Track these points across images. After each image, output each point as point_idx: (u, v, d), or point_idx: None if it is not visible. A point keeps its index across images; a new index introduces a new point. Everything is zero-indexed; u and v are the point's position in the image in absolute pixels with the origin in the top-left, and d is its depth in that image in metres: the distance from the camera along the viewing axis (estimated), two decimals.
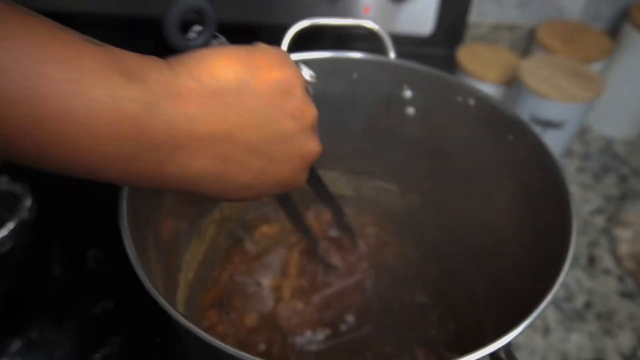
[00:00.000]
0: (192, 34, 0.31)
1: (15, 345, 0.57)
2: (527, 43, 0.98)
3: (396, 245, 0.66)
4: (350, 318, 0.58)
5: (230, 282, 0.61)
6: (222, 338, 0.55)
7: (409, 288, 0.61)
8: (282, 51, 0.33)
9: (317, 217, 0.63)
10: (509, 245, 0.50)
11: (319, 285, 0.61)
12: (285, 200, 0.49)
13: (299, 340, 0.55)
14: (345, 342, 0.55)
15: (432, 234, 0.63)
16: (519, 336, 0.33)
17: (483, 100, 0.49)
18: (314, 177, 0.46)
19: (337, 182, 0.66)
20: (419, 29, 0.84)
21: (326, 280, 0.61)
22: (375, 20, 0.57)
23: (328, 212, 0.58)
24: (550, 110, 0.75)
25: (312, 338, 0.55)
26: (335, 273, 0.60)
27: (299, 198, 0.51)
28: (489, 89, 0.85)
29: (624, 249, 0.70)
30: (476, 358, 0.30)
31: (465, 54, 0.88)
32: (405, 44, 0.84)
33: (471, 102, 0.50)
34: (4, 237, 0.55)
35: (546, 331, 0.63)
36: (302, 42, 0.54)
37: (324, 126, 0.60)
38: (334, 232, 0.62)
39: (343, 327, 0.57)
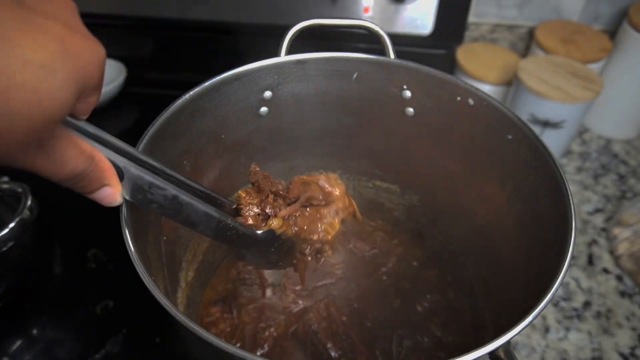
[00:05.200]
0: None
1: (16, 344, 0.57)
2: (527, 43, 0.98)
3: (396, 244, 0.66)
4: (349, 318, 0.58)
5: (235, 279, 0.61)
6: (224, 334, 0.56)
7: (409, 287, 0.61)
8: None
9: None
10: (509, 245, 0.50)
11: (319, 285, 0.61)
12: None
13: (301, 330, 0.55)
14: (347, 340, 0.55)
15: (432, 234, 0.63)
16: (519, 335, 0.33)
17: (483, 100, 0.49)
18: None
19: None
20: (419, 29, 0.84)
21: (326, 280, 0.62)
22: (375, 20, 0.57)
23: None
24: (550, 110, 0.75)
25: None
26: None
27: None
28: (489, 89, 0.85)
29: (622, 248, 0.70)
30: (476, 357, 0.30)
31: (464, 54, 0.88)
32: (405, 44, 0.85)
33: (471, 102, 0.50)
34: (5, 237, 0.55)
35: (545, 330, 0.63)
36: (302, 42, 0.54)
37: (324, 126, 0.60)
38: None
39: (342, 328, 0.57)
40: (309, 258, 0.48)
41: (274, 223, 0.44)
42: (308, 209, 0.47)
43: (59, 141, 0.26)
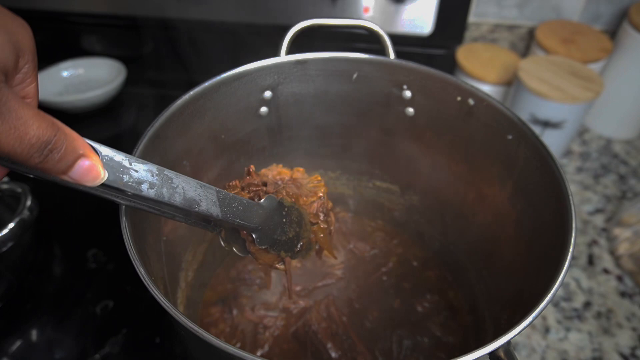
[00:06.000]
0: None
1: (16, 344, 0.57)
2: (527, 43, 0.98)
3: (396, 244, 0.66)
4: (349, 318, 0.58)
5: (235, 279, 0.61)
6: (224, 334, 0.55)
7: (409, 287, 0.61)
8: None
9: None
10: (509, 245, 0.50)
11: (319, 285, 0.61)
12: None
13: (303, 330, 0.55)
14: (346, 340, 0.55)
15: (432, 234, 0.63)
16: (519, 335, 0.33)
17: (483, 100, 0.49)
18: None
19: (337, 182, 0.66)
20: (419, 29, 0.84)
21: (326, 280, 0.62)
22: (375, 20, 0.57)
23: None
24: (550, 110, 0.75)
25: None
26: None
27: None
28: (489, 89, 0.85)
29: (623, 248, 0.70)
30: (476, 357, 0.30)
31: (464, 54, 0.88)
32: (405, 44, 0.85)
33: (471, 102, 0.50)
34: (5, 237, 0.55)
35: (546, 330, 0.63)
36: (302, 42, 0.54)
37: (324, 126, 0.60)
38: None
39: (342, 328, 0.57)
40: (322, 224, 0.47)
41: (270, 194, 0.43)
42: (283, 183, 0.48)
43: (10, 100, 0.25)
